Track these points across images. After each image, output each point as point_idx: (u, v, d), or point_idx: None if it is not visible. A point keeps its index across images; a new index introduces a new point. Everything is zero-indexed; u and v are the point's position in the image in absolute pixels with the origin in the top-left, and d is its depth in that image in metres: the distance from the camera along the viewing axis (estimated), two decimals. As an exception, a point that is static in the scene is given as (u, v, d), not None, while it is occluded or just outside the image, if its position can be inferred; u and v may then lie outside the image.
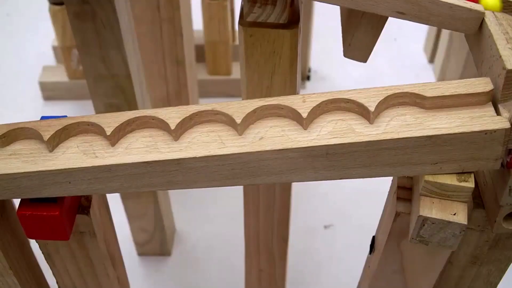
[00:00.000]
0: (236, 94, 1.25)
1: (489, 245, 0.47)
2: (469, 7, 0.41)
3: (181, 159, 0.39)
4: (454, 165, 0.39)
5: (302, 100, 0.41)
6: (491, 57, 0.39)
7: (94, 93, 0.69)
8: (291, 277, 0.91)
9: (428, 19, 0.42)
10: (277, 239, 0.69)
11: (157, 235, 0.94)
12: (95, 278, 0.51)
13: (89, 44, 0.64)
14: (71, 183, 0.40)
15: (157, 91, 0.99)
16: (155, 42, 0.91)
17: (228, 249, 0.99)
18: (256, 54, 0.47)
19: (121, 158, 0.40)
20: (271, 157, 0.39)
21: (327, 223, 1.03)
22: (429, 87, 0.40)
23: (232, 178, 0.40)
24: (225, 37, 1.16)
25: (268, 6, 0.44)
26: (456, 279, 0.51)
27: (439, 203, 0.40)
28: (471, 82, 0.40)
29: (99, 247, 0.48)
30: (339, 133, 0.39)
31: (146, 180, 0.40)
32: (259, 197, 0.63)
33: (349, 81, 1.31)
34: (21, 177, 0.40)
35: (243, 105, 0.41)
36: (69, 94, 1.26)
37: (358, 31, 0.48)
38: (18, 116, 1.22)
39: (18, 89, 1.30)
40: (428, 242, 0.41)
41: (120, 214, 0.90)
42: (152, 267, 0.97)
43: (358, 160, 0.39)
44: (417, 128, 0.38)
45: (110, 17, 0.61)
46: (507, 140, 0.38)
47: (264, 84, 0.50)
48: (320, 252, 0.99)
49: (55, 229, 0.42)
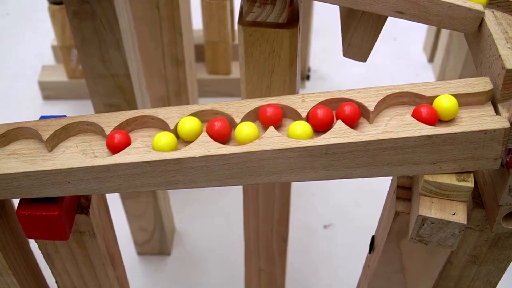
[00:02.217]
0: (235, 93, 1.25)
1: (489, 244, 0.47)
2: (468, 6, 0.41)
3: (181, 159, 0.39)
4: (453, 165, 0.39)
5: (302, 100, 0.41)
6: (491, 57, 0.39)
7: (94, 92, 0.69)
8: (290, 277, 0.91)
9: (427, 19, 0.42)
10: (276, 238, 0.69)
11: (156, 234, 0.94)
12: (95, 278, 0.51)
13: (89, 44, 0.64)
14: (71, 183, 0.40)
15: (156, 90, 0.99)
16: (155, 42, 0.91)
17: (227, 249, 0.99)
18: (256, 53, 0.47)
19: (121, 158, 0.40)
20: (271, 156, 0.39)
21: (326, 222, 1.03)
22: (428, 87, 0.40)
23: (231, 177, 0.40)
24: (225, 37, 1.16)
25: (268, 5, 0.44)
26: (455, 278, 0.51)
27: (439, 202, 0.40)
28: (471, 82, 0.40)
29: (98, 247, 0.48)
30: (339, 133, 0.39)
31: (145, 180, 0.40)
32: (258, 197, 0.63)
33: (349, 80, 1.31)
34: (20, 177, 0.40)
35: (243, 105, 0.41)
36: (69, 93, 1.26)
37: (357, 30, 0.48)
38: (17, 115, 1.22)
39: (17, 89, 1.30)
40: (427, 242, 0.41)
41: (119, 214, 0.90)
42: (152, 267, 0.97)
43: (357, 160, 0.39)
44: (417, 127, 0.38)
45: (110, 16, 0.61)
46: (506, 140, 0.38)
47: (264, 84, 0.50)
48: (320, 252, 0.99)
49: (54, 229, 0.42)
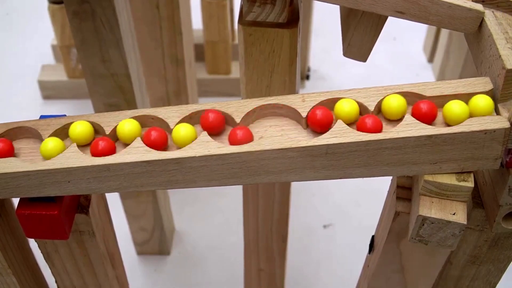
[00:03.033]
0: (235, 93, 1.25)
1: (489, 244, 0.47)
2: (468, 6, 0.41)
3: (181, 159, 0.39)
4: (453, 165, 0.39)
5: (302, 100, 0.41)
6: (491, 57, 0.39)
7: (93, 92, 0.69)
8: (290, 276, 0.91)
9: (428, 19, 0.42)
10: (276, 238, 0.69)
11: (156, 234, 0.94)
12: (94, 277, 0.51)
13: (89, 43, 0.64)
14: (70, 182, 0.40)
15: (156, 90, 0.99)
16: (155, 41, 0.91)
17: (227, 249, 0.99)
18: (256, 53, 0.47)
19: (121, 157, 0.40)
20: (271, 156, 0.39)
21: (326, 222, 1.03)
22: (428, 87, 0.40)
23: (231, 177, 0.40)
24: (225, 36, 1.16)
25: (268, 5, 0.44)
26: (455, 278, 0.51)
27: (439, 202, 0.40)
28: (471, 82, 0.40)
29: (98, 247, 0.48)
30: (339, 133, 0.39)
31: (145, 179, 0.40)
32: (258, 197, 0.62)
33: (349, 80, 1.31)
34: (20, 176, 0.40)
35: (243, 105, 0.41)
36: (68, 93, 1.26)
37: (357, 30, 0.48)
38: (17, 115, 1.22)
39: (17, 88, 1.30)
40: (427, 242, 0.41)
41: (119, 214, 0.90)
42: (151, 267, 0.97)
43: (357, 160, 0.39)
44: (417, 127, 0.38)
45: (110, 16, 0.61)
46: (506, 140, 0.38)
47: (264, 84, 0.50)
48: (320, 252, 0.99)
49: (54, 229, 0.42)
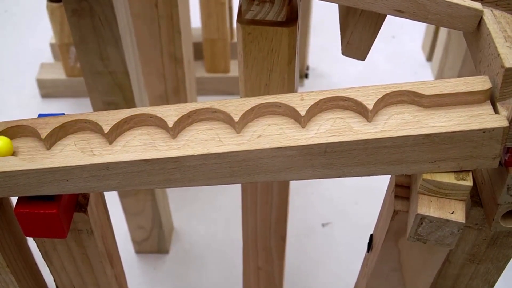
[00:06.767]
0: (234, 92, 1.25)
1: (487, 243, 0.47)
2: (467, 5, 0.41)
3: (179, 157, 0.39)
4: (452, 164, 0.39)
5: (300, 98, 0.41)
6: (490, 55, 0.39)
7: (92, 90, 0.69)
8: (289, 275, 0.91)
9: (426, 17, 0.42)
10: (275, 237, 0.69)
11: (154, 232, 0.94)
12: (93, 275, 0.51)
13: (87, 41, 0.64)
14: (69, 181, 0.40)
15: (155, 88, 0.99)
16: (153, 39, 0.91)
17: (226, 247, 0.99)
18: (254, 51, 0.47)
19: (119, 156, 0.40)
20: (269, 155, 0.39)
21: (325, 221, 1.03)
22: (427, 85, 0.40)
23: (230, 176, 0.40)
24: (223, 35, 1.16)
25: (266, 3, 0.44)
26: (454, 277, 0.51)
27: (437, 201, 0.40)
28: (470, 81, 0.40)
29: (96, 245, 0.48)
30: (337, 131, 0.39)
31: (144, 178, 0.40)
32: (257, 195, 0.63)
33: (347, 79, 1.31)
34: (18, 175, 0.40)
35: (241, 103, 0.41)
36: (67, 91, 1.26)
37: (356, 29, 0.48)
38: (15, 113, 1.22)
39: (15, 86, 1.30)
40: (426, 241, 0.41)
41: (117, 212, 0.90)
42: (150, 265, 0.97)
43: (356, 159, 0.39)
44: (415, 126, 0.38)
45: (108, 14, 0.61)
46: (505, 139, 0.38)
47: (262, 82, 0.50)
48: (318, 250, 0.99)
49: (52, 227, 0.42)
